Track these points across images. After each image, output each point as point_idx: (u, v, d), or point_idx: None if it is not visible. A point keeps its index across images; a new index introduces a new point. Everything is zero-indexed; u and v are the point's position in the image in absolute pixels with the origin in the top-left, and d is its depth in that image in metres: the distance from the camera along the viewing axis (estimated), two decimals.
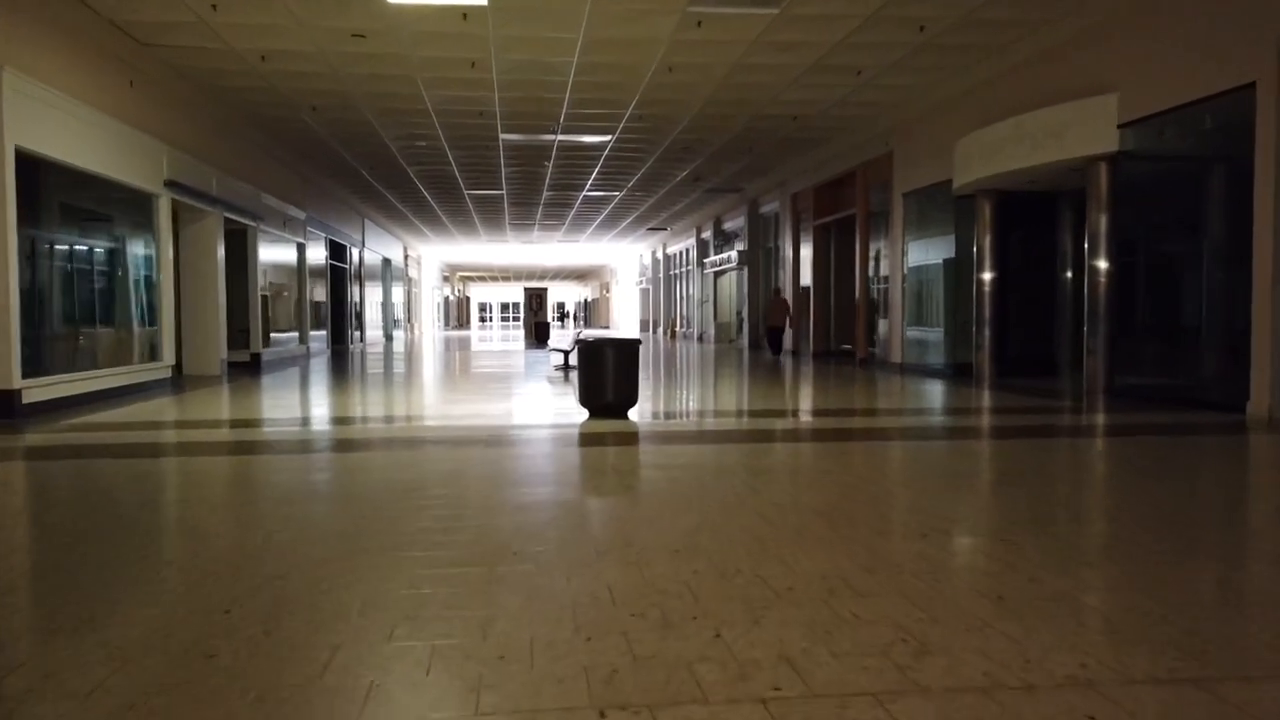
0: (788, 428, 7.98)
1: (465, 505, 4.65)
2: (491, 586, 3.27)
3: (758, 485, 5.15)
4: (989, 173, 12.10)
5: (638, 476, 5.44)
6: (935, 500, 4.77)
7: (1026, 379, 13.18)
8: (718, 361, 19.22)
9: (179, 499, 4.96)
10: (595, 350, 8.61)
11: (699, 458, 6.15)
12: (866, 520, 4.29)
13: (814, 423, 8.41)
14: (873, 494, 4.93)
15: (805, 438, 7.33)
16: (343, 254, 26.42)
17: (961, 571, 3.45)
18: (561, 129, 17.07)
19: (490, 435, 7.30)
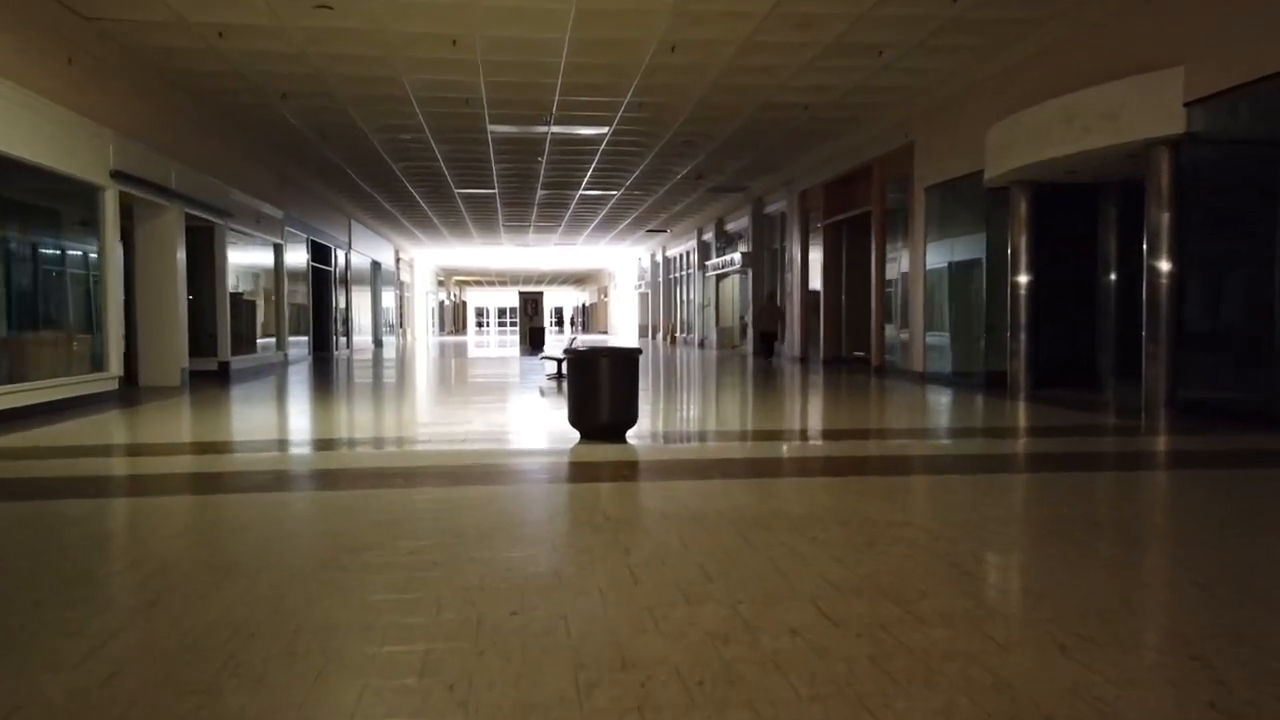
0: (817, 454, 6.70)
1: (395, 585, 3.38)
2: None
3: (802, 548, 3.88)
4: (1028, 161, 10.84)
5: (638, 534, 4.16)
6: (1050, 574, 3.50)
7: (1065, 390, 11.92)
8: (722, 370, 17.95)
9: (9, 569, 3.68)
10: (587, 362, 7.35)
11: (716, 500, 4.87)
12: (968, 614, 3.01)
13: (846, 447, 7.13)
14: (956, 560, 3.66)
15: (842, 468, 6.05)
16: (327, 256, 25.14)
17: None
18: (555, 120, 15.82)
19: (458, 469, 6.02)
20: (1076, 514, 4.56)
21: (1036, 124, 10.62)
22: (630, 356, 7.42)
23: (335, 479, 5.67)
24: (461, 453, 6.65)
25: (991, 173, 11.88)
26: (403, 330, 41.92)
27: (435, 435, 7.74)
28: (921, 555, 3.74)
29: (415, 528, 4.26)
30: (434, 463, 6.21)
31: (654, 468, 5.98)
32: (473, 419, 9.00)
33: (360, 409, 10.25)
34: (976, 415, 9.53)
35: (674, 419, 8.99)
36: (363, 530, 4.21)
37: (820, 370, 17.58)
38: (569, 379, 7.46)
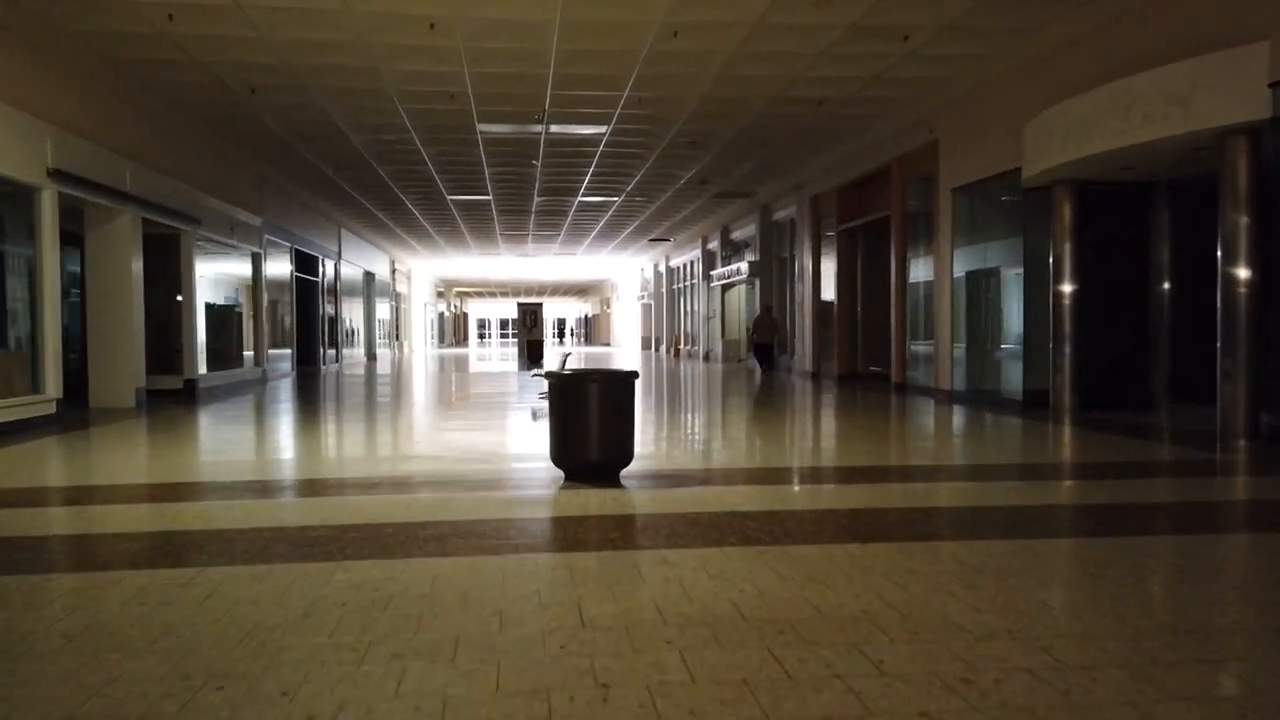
0: (854, 503, 5.42)
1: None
2: None
3: (865, 680, 2.62)
4: (1075, 156, 9.60)
5: (623, 656, 2.90)
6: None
7: (1116, 412, 10.65)
8: (729, 387, 16.69)
9: None
10: (572, 388, 6.10)
11: (733, 585, 3.62)
12: None
13: (889, 494, 5.85)
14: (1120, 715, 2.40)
15: (892, 528, 4.77)
16: (313, 266, 23.97)
17: None
18: (548, 117, 14.62)
19: (401, 532, 4.76)
20: (1245, 608, 3.30)
21: (1087, 113, 9.38)
22: (624, 382, 6.18)
23: (237, 546, 4.41)
24: (414, 504, 5.39)
25: (1030, 171, 10.64)
26: (399, 343, 40.73)
27: (394, 474, 6.48)
28: (1053, 698, 2.48)
29: (327, 624, 3.02)
30: (377, 518, 4.95)
31: (651, 527, 4.71)
32: (446, 450, 7.75)
33: (320, 438, 9.00)
34: (1029, 446, 8.26)
35: (676, 451, 7.72)
36: (228, 645, 2.96)
37: (835, 387, 16.31)
38: (551, 408, 6.22)
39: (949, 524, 4.78)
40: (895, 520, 4.85)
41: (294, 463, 7.16)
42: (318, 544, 4.35)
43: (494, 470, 6.63)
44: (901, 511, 5.08)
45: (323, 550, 4.22)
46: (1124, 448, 7.96)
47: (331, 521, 4.85)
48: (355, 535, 4.52)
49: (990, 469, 6.75)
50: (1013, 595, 3.47)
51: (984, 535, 4.50)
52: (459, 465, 6.88)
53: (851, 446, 8.00)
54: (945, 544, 4.31)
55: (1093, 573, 3.81)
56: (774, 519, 4.87)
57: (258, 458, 7.48)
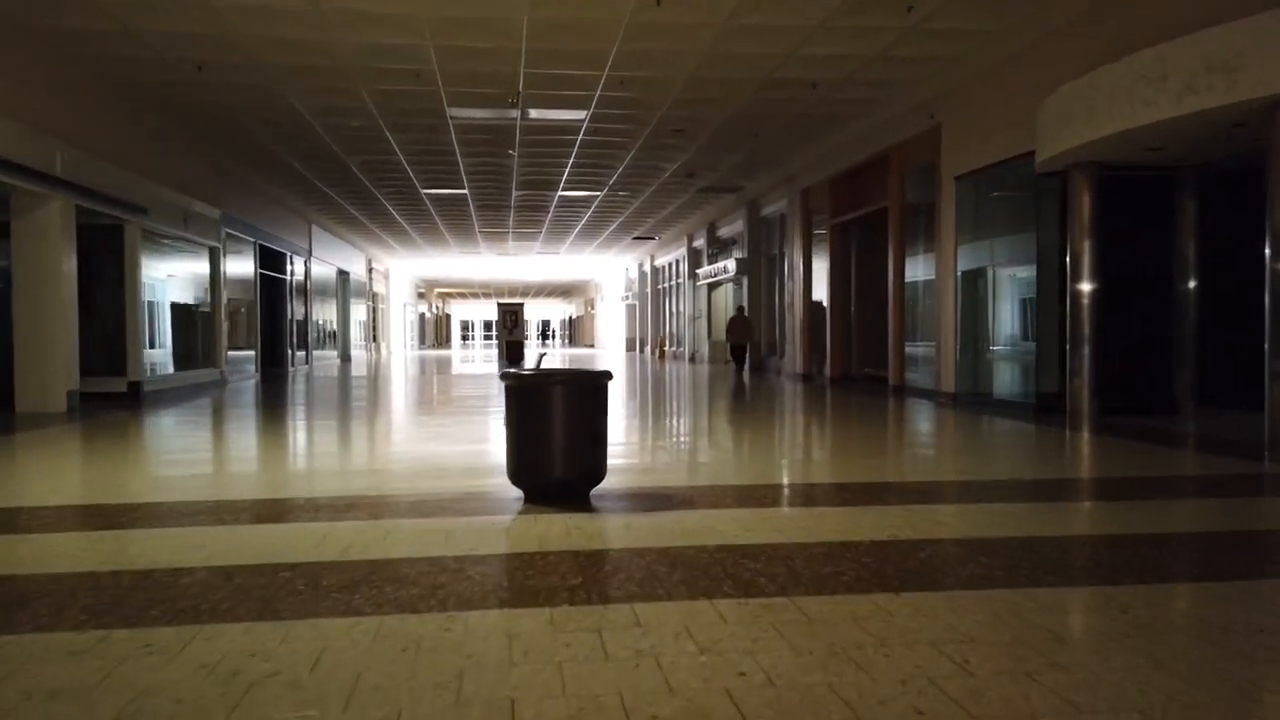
0: (871, 534, 4.44)
1: None
2: None
3: None
4: (1101, 134, 8.67)
5: None
6: None
7: (1139, 418, 9.74)
8: (716, 390, 15.72)
9: None
10: (532, 392, 5.10)
11: (731, 663, 2.64)
12: None
13: (908, 520, 4.87)
14: None
15: (933, 567, 3.79)
16: (280, 263, 22.85)
17: None
18: (523, 100, 13.61)
19: (313, 569, 3.75)
20: None
21: (1114, 86, 8.45)
22: (595, 385, 5.18)
23: (67, 598, 3.39)
24: (333, 536, 4.37)
25: (1047, 153, 9.71)
26: (376, 344, 39.58)
27: (325, 495, 5.46)
28: None
29: None
30: (278, 555, 3.94)
31: (623, 568, 3.72)
32: (398, 463, 6.73)
33: (255, 449, 7.96)
34: (1057, 457, 7.31)
35: (657, 465, 6.73)
36: None
37: (829, 391, 15.37)
38: (508, 416, 5.22)
39: (997, 562, 3.81)
40: (929, 557, 3.87)
41: (210, 479, 6.12)
42: (183, 596, 3.33)
43: (445, 489, 5.61)
44: (933, 544, 4.10)
45: (185, 607, 3.20)
46: (1166, 460, 7.03)
47: (217, 561, 3.82)
48: (239, 582, 3.50)
49: (1023, 487, 5.79)
50: (1121, 677, 2.50)
51: (1046, 579, 3.53)
52: (406, 482, 5.87)
53: (856, 458, 7.03)
54: (1001, 593, 3.33)
55: (1215, 640, 2.84)
56: (777, 555, 3.88)
57: (167, 471, 6.44)
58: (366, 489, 5.62)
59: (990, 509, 4.94)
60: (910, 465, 6.66)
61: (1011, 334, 11.62)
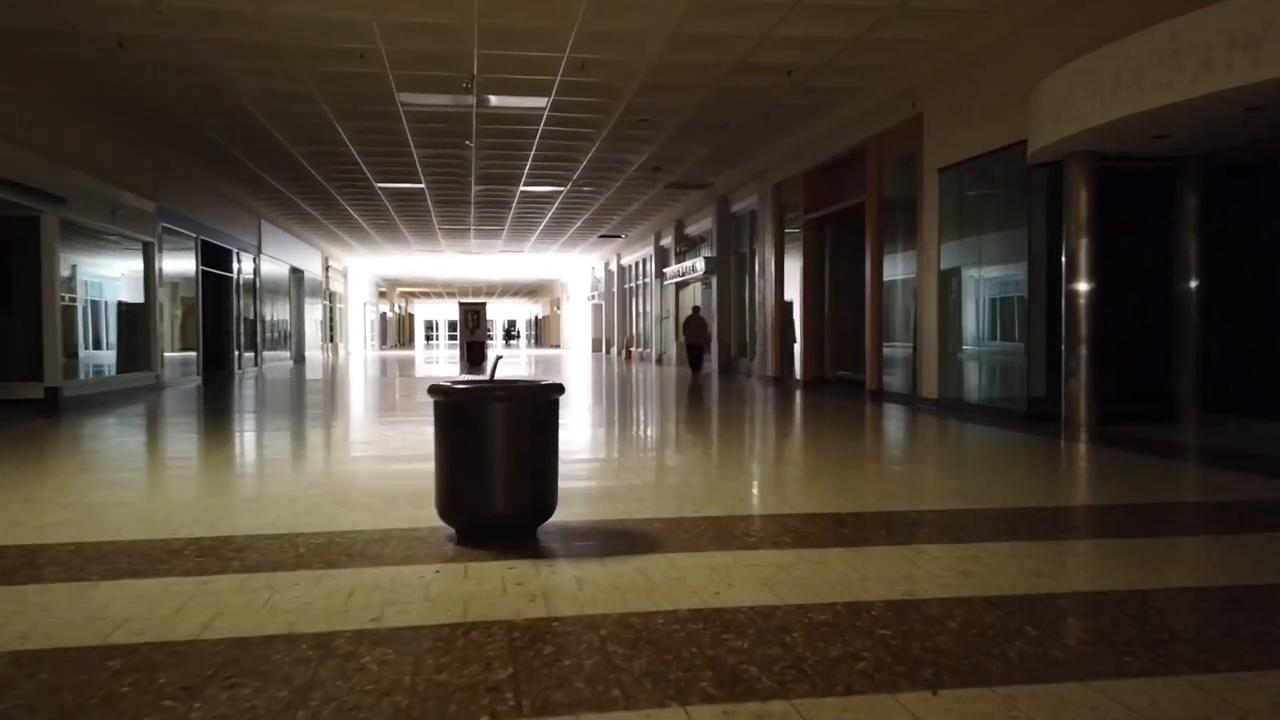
0: (900, 587, 3.60)
1: None
2: None
3: None
4: (1104, 119, 7.95)
5: None
6: None
7: (1140, 425, 9.05)
8: (685, 396, 14.89)
9: None
10: (466, 409, 4.21)
11: None
12: None
13: (938, 567, 4.05)
14: None
15: (976, 645, 2.96)
16: (226, 260, 21.66)
17: None
18: (478, 85, 12.67)
19: (144, 655, 2.83)
20: None
21: (1121, 66, 7.72)
22: (543, 400, 4.30)
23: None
24: (198, 598, 3.45)
25: (1042, 142, 8.98)
26: (333, 345, 38.31)
27: (214, 532, 4.53)
28: None
29: None
30: (130, 631, 3.03)
31: (572, 651, 2.84)
32: (320, 487, 5.80)
33: (160, 466, 6.97)
34: (1071, 476, 6.55)
35: (618, 488, 5.85)
36: None
37: (803, 395, 14.60)
38: (437, 438, 4.32)
39: (1051, 634, 2.98)
40: (962, 627, 3.04)
41: (80, 511, 5.15)
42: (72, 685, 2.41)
43: (366, 525, 4.70)
44: (963, 606, 3.27)
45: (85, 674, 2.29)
46: (1194, 480, 6.30)
47: (31, 641, 2.89)
48: (44, 679, 2.58)
49: (1043, 517, 5.00)
50: None
51: (1126, 663, 2.71)
52: (323, 515, 4.95)
53: (845, 479, 6.21)
54: (1073, 689, 2.51)
55: None
56: (769, 627, 3.03)
57: (30, 501, 5.45)
58: (270, 525, 4.69)
59: (1016, 550, 4.13)
60: (908, 488, 5.85)
61: (998, 336, 10.91)
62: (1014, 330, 10.48)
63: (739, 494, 5.58)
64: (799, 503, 5.27)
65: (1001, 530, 4.53)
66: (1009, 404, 10.43)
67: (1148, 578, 3.66)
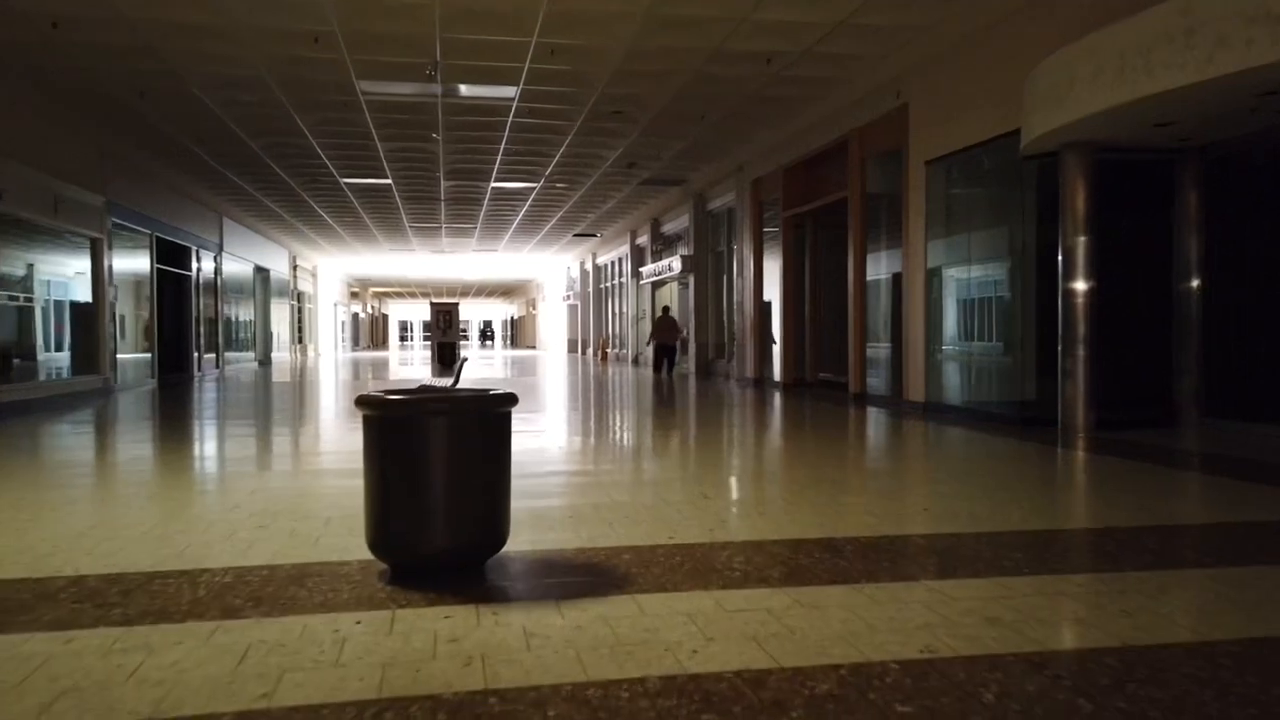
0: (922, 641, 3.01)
1: None
2: None
3: None
4: (1106, 105, 7.42)
5: None
6: None
7: (1142, 431, 8.54)
8: (659, 400, 14.28)
9: None
10: (401, 426, 3.57)
11: None
12: None
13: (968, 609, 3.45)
14: None
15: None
16: (184, 259, 20.80)
17: None
18: (442, 72, 12.00)
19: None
20: None
21: (1128, 45, 7.20)
22: (493, 414, 3.67)
23: None
24: (52, 665, 2.80)
25: (1037, 131, 8.45)
26: (301, 346, 37.38)
27: (115, 567, 3.88)
28: None
29: None
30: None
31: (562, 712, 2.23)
32: (246, 508, 5.14)
33: (69, 483, 6.27)
34: (1078, 492, 6.00)
35: (582, 509, 5.23)
36: None
37: (783, 398, 14.05)
38: (366, 459, 3.68)
39: (1116, 713, 2.41)
40: (1002, 698, 2.45)
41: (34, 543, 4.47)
42: None
43: (286, 557, 4.05)
44: (997, 668, 2.68)
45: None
46: (1228, 492, 5.77)
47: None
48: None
49: (1065, 542, 4.42)
50: None
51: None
52: (240, 544, 4.29)
53: (835, 496, 5.62)
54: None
55: None
56: (760, 699, 2.43)
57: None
58: (175, 557, 4.03)
59: (1044, 587, 3.55)
60: (907, 506, 5.28)
61: (988, 337, 10.39)
62: (1005, 331, 9.97)
63: (719, 515, 4.97)
64: (787, 525, 4.67)
65: (1023, 560, 3.96)
66: (999, 408, 9.91)
67: (1213, 625, 3.10)
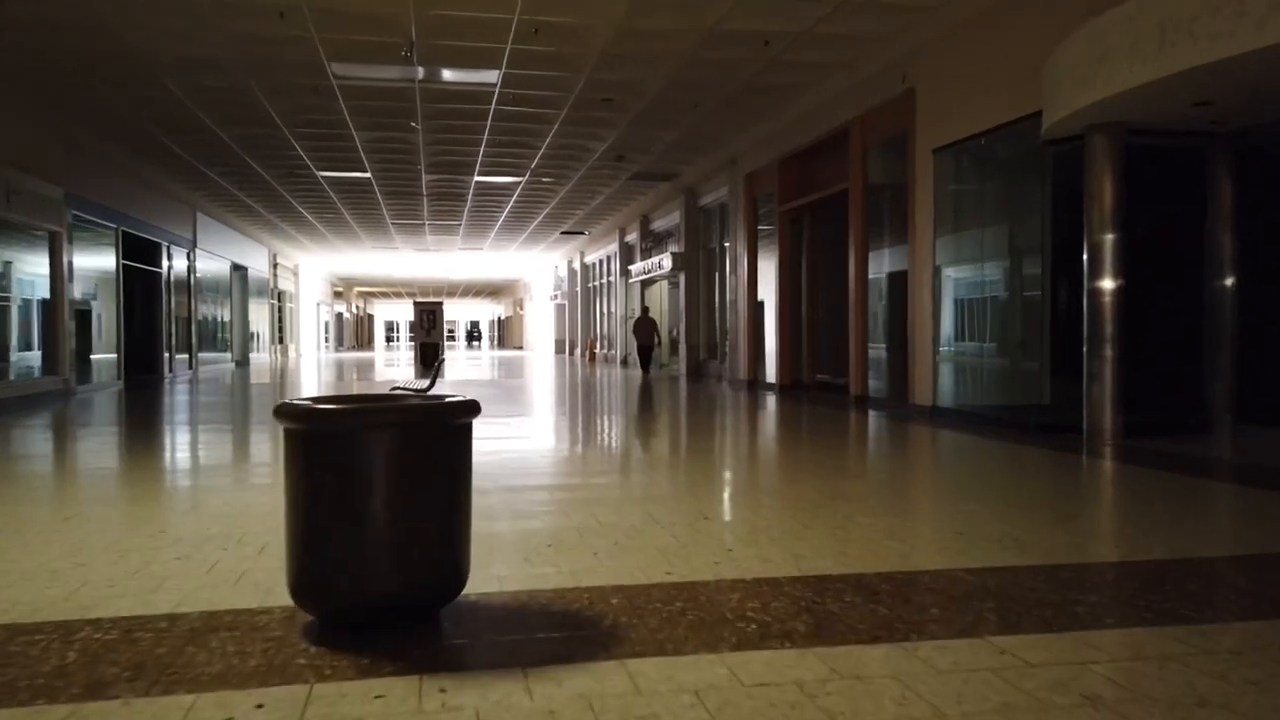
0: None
1: None
2: None
3: None
4: (1144, 80, 6.74)
5: None
6: None
7: (1173, 439, 7.87)
8: (649, 402, 13.57)
9: None
10: (332, 443, 2.83)
11: None
12: None
13: (1055, 693, 2.78)
14: None
15: None
16: (154, 255, 19.94)
17: None
18: (421, 54, 11.26)
19: None
20: None
21: (1170, 14, 6.52)
22: (449, 424, 2.94)
23: None
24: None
25: (1062, 111, 7.76)
26: (282, 347, 36.48)
27: (49, 617, 3.13)
28: None
29: None
30: None
31: None
32: (174, 528, 4.39)
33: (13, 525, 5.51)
34: (1129, 511, 5.31)
35: (562, 536, 4.50)
36: None
37: (778, 401, 13.35)
38: (288, 484, 2.94)
39: None
40: None
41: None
42: None
43: (191, 600, 3.31)
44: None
45: None
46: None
47: None
48: None
49: (1151, 579, 3.71)
50: None
51: None
52: (140, 580, 3.55)
53: (854, 517, 4.91)
54: None
55: None
56: None
57: None
58: (62, 600, 3.28)
59: (1137, 644, 2.84)
60: (937, 529, 4.57)
61: (1001, 337, 9.72)
62: (1020, 331, 9.29)
63: (722, 541, 4.25)
64: (804, 555, 3.96)
65: (1099, 606, 3.24)
66: (1013, 413, 9.23)
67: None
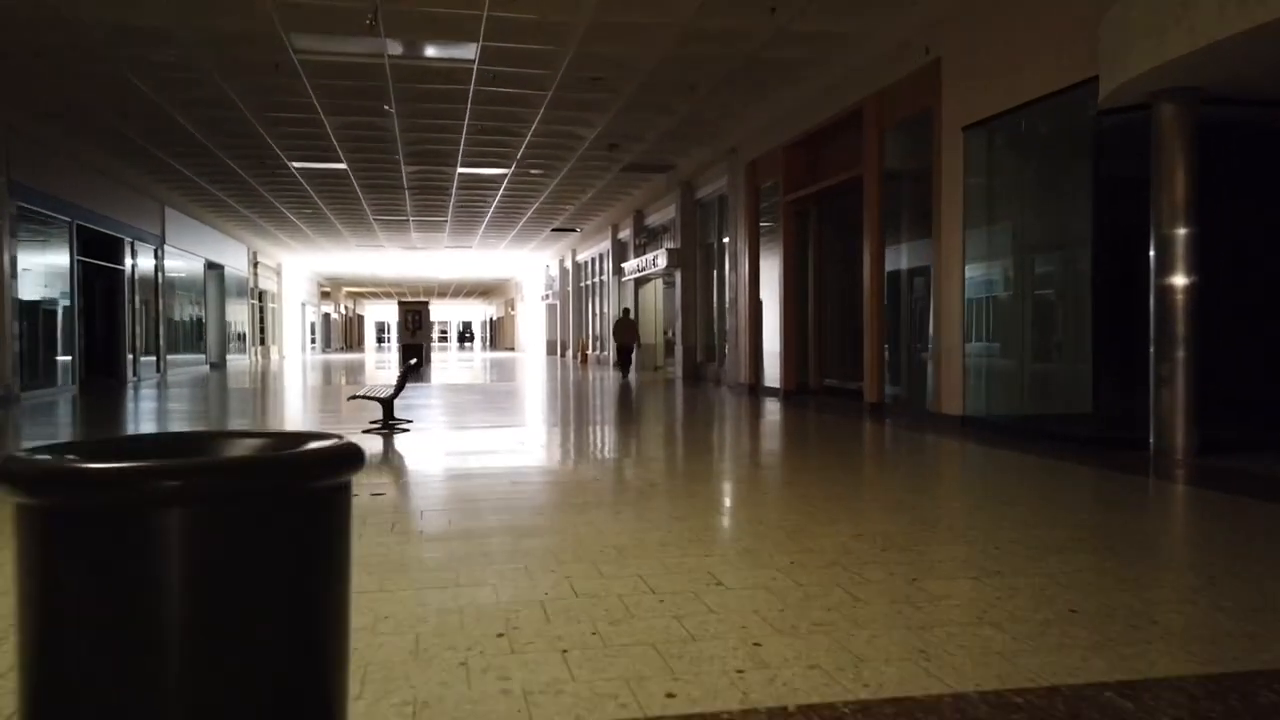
0: None
1: None
2: None
3: None
4: (1234, 30, 5.58)
5: None
6: None
7: (1251, 454, 6.71)
8: (643, 411, 12.38)
9: None
10: (86, 526, 1.62)
11: None
12: None
13: None
14: None
15: None
16: (115, 251, 18.69)
17: None
18: (387, 21, 10.05)
19: None
20: None
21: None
22: (304, 491, 1.72)
23: None
24: None
25: (1131, 72, 6.58)
26: (264, 348, 35.22)
27: None
28: None
29: None
30: None
31: None
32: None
33: None
34: (1254, 567, 4.15)
35: (520, 620, 3.31)
36: None
37: (784, 408, 12.18)
38: (18, 592, 1.74)
39: None
40: None
41: None
42: None
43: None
44: None
45: None
46: None
47: None
48: None
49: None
50: None
51: None
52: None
53: (922, 585, 3.71)
54: None
55: None
56: None
57: None
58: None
59: None
60: (1042, 603, 3.39)
61: (1047, 339, 8.56)
62: (1068, 330, 8.13)
63: (746, 629, 3.05)
64: (869, 659, 2.75)
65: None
66: (1061, 424, 8.07)
67: None
